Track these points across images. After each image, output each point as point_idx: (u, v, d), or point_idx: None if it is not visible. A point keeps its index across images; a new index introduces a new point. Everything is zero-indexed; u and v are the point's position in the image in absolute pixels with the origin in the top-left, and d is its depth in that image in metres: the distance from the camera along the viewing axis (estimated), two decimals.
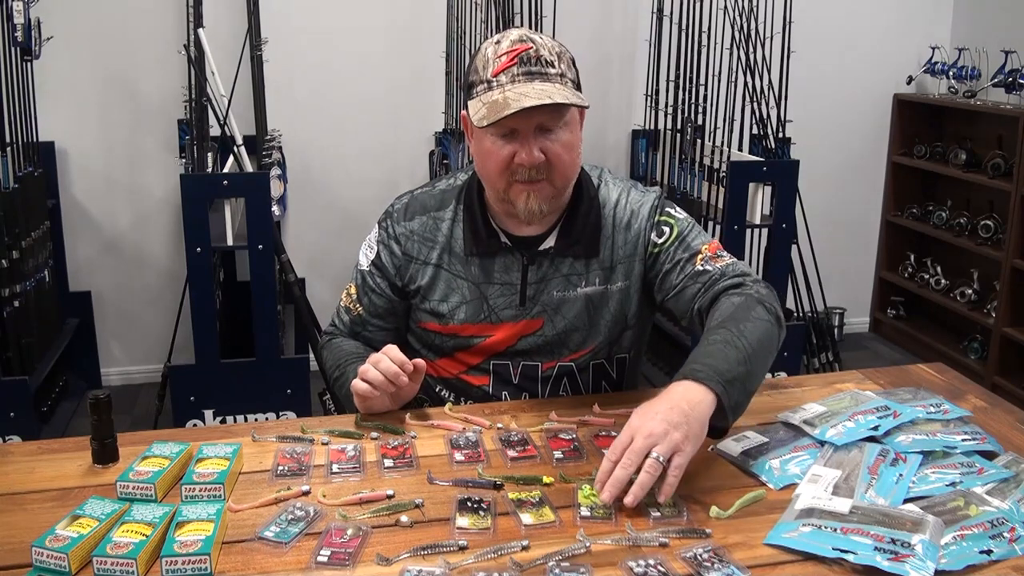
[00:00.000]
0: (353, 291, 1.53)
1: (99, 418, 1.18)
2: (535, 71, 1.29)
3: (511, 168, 1.32)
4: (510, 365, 1.47)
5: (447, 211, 1.46)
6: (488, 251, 1.43)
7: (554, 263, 1.43)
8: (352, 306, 1.53)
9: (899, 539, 0.98)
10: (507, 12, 2.94)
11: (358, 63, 3.47)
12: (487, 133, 1.32)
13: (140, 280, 3.49)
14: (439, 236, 1.46)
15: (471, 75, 1.35)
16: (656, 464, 1.06)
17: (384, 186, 3.58)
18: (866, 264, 4.22)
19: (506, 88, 1.28)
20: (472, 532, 1.03)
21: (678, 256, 1.42)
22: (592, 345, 1.46)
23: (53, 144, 3.25)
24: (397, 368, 1.29)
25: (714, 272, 1.38)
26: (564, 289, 1.43)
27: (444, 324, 1.46)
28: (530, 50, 1.30)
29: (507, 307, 1.44)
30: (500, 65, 1.30)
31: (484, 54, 1.33)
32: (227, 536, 1.02)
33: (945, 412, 1.31)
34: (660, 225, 1.44)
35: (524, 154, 1.31)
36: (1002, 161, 3.44)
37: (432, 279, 1.46)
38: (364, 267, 1.51)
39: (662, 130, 3.47)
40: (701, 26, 3.22)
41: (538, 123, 1.30)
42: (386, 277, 1.49)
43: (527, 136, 1.30)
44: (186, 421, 2.76)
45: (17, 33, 2.80)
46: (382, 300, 1.50)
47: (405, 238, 1.47)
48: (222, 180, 2.65)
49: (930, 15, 3.93)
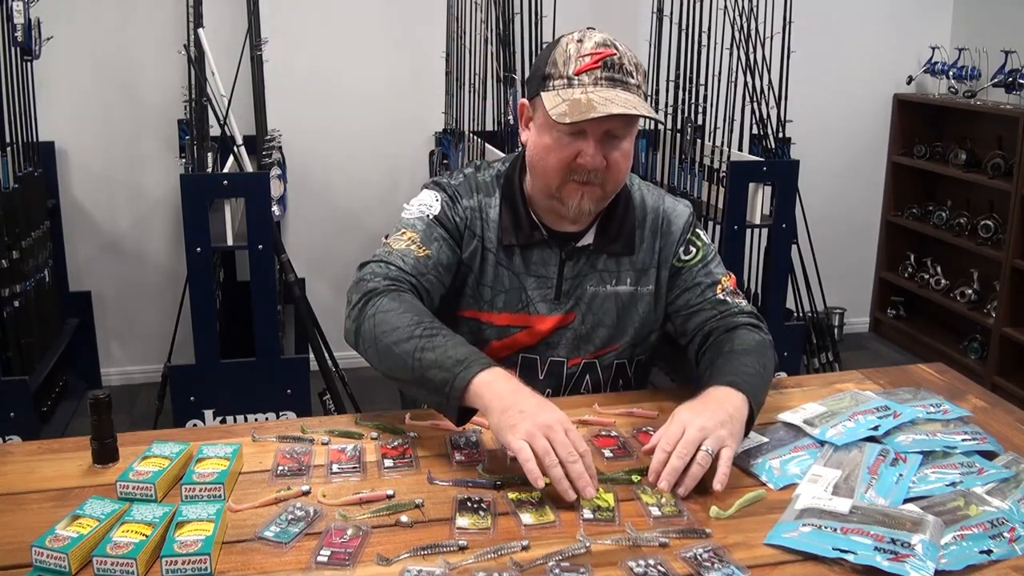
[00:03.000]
0: (413, 236, 1.40)
1: (99, 418, 1.18)
2: (617, 78, 1.31)
3: (571, 167, 1.34)
4: (538, 360, 1.48)
5: (494, 198, 1.47)
6: (528, 243, 1.45)
7: (590, 259, 1.46)
8: (416, 249, 1.39)
9: (899, 539, 0.98)
10: (507, 12, 2.94)
11: (358, 63, 3.47)
12: (554, 129, 1.32)
13: (140, 280, 3.49)
14: (489, 221, 1.46)
15: (547, 67, 1.34)
16: (707, 457, 1.11)
17: (384, 186, 3.58)
18: (866, 264, 4.22)
19: (588, 89, 1.29)
20: (472, 532, 1.03)
21: (700, 279, 1.47)
22: (618, 344, 1.49)
23: (53, 144, 3.25)
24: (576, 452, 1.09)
25: (733, 306, 1.44)
26: (597, 285, 1.46)
27: (483, 311, 1.46)
28: (614, 56, 1.31)
29: (542, 300, 1.45)
30: (584, 65, 1.30)
31: (565, 50, 1.33)
32: (227, 536, 1.02)
33: (945, 412, 1.31)
34: (689, 244, 1.49)
35: (588, 157, 1.32)
36: (1002, 161, 3.44)
37: (481, 261, 1.46)
38: (425, 216, 1.42)
39: (662, 130, 3.47)
40: (701, 26, 3.21)
41: (608, 129, 1.31)
42: (450, 234, 1.43)
43: (596, 140, 1.32)
44: (186, 421, 2.75)
45: (17, 33, 2.80)
46: (448, 252, 1.41)
47: (468, 211, 1.45)
48: (222, 180, 2.65)
49: (930, 15, 3.93)
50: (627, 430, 1.31)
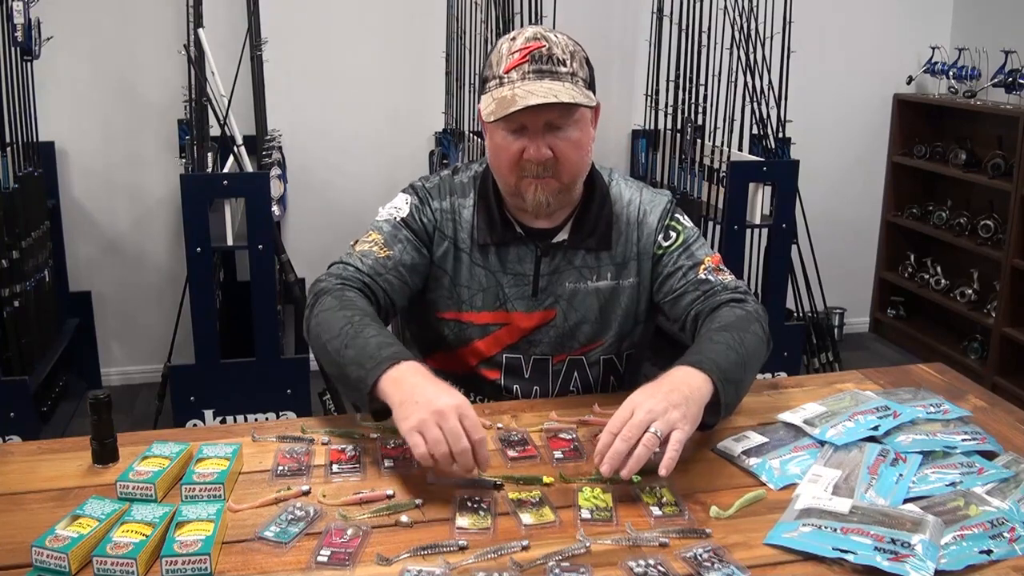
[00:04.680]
0: (377, 237, 1.44)
1: (99, 418, 1.18)
2: (545, 69, 1.31)
3: (520, 164, 1.35)
4: (522, 359, 1.48)
5: (469, 199, 1.48)
6: (503, 241, 1.45)
7: (567, 256, 1.46)
8: (377, 250, 1.42)
9: (899, 539, 0.98)
10: (507, 12, 2.94)
11: (358, 63, 3.47)
12: (498, 128, 1.35)
13: (140, 280, 3.49)
14: (463, 221, 1.47)
15: (485, 70, 1.38)
16: (654, 439, 1.08)
17: (384, 186, 3.57)
18: (866, 264, 4.21)
19: (516, 85, 1.31)
20: (472, 532, 1.03)
21: (681, 262, 1.45)
22: (602, 339, 1.49)
23: (53, 144, 3.25)
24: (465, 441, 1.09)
25: (716, 284, 1.42)
26: (576, 281, 1.46)
27: (463, 311, 1.47)
28: (542, 48, 1.32)
29: (520, 297, 1.46)
30: (512, 62, 1.32)
31: (499, 50, 1.36)
32: (227, 536, 1.02)
33: (945, 412, 1.31)
34: (668, 229, 1.47)
35: (532, 150, 1.33)
36: (1002, 161, 3.44)
37: (455, 261, 1.47)
38: (393, 218, 1.46)
39: (662, 130, 3.47)
40: (701, 26, 3.22)
41: (547, 120, 1.32)
42: (417, 236, 1.45)
43: (536, 133, 1.33)
44: (186, 421, 2.76)
45: (17, 33, 2.80)
46: (413, 253, 1.44)
47: (439, 213, 1.47)
48: (222, 180, 2.66)
49: (930, 15, 3.93)
50: None
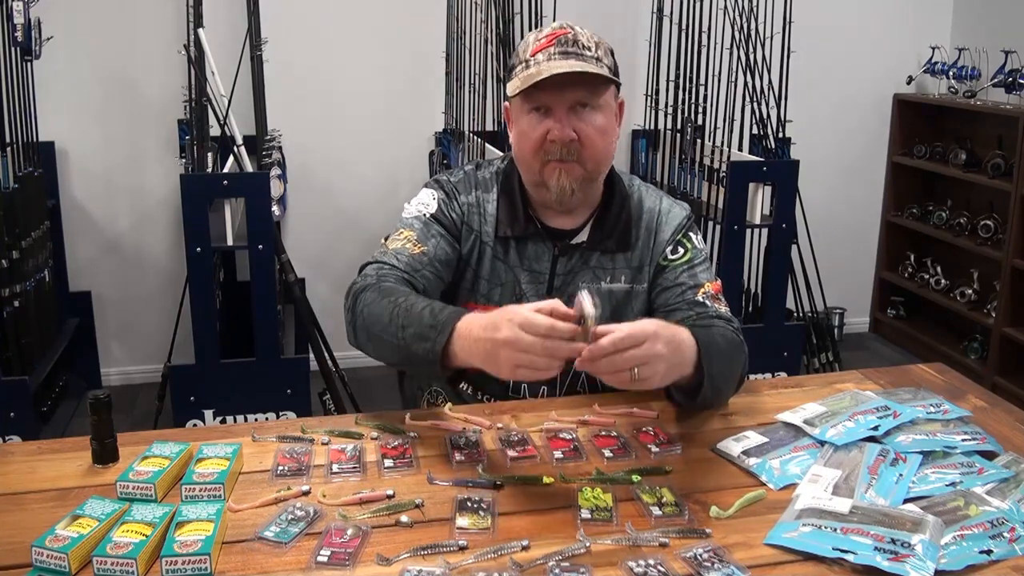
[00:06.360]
0: (410, 234, 1.44)
1: (99, 418, 1.18)
2: (571, 51, 1.34)
3: (544, 147, 1.36)
4: None
5: (492, 193, 1.49)
6: (523, 235, 1.46)
7: (583, 256, 1.47)
8: (411, 247, 1.42)
9: (899, 539, 0.98)
10: (507, 12, 2.94)
11: (358, 63, 3.47)
12: (523, 113, 1.36)
13: (140, 280, 3.49)
14: (487, 216, 1.48)
15: (512, 59, 1.40)
16: (627, 378, 1.08)
17: (384, 186, 3.58)
18: (866, 264, 4.21)
19: (541, 64, 1.33)
20: (472, 532, 1.03)
21: (682, 279, 1.46)
22: None
23: (53, 144, 3.25)
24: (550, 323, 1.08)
25: (711, 310, 1.43)
26: (591, 282, 1.46)
27: (480, 304, 1.47)
28: (568, 34, 1.35)
29: (536, 294, 1.46)
30: (538, 46, 1.35)
31: (525, 41, 1.39)
32: (227, 536, 1.02)
33: (945, 412, 1.31)
34: (678, 244, 1.48)
35: (556, 131, 1.34)
36: (1002, 161, 3.44)
37: (479, 255, 1.47)
38: (423, 215, 1.46)
39: (662, 130, 3.47)
40: (701, 26, 3.22)
41: (573, 100, 1.34)
42: (448, 231, 1.46)
43: (561, 113, 1.34)
44: (186, 421, 2.75)
45: (17, 33, 2.80)
46: (447, 248, 1.44)
47: (466, 207, 1.48)
48: (222, 180, 2.65)
49: (930, 15, 3.93)
50: (627, 430, 1.30)
